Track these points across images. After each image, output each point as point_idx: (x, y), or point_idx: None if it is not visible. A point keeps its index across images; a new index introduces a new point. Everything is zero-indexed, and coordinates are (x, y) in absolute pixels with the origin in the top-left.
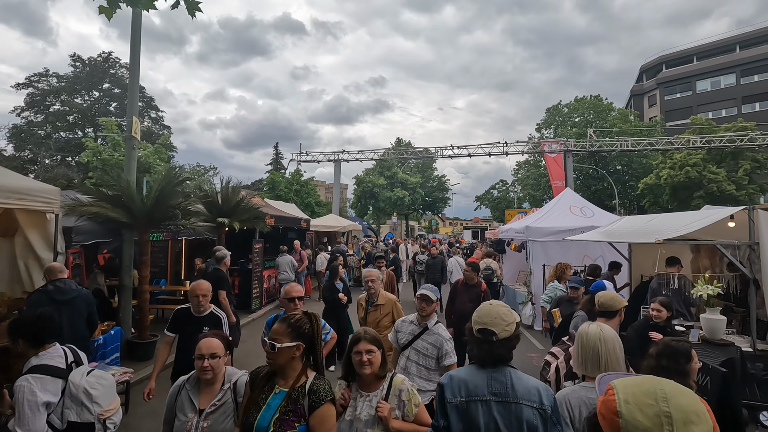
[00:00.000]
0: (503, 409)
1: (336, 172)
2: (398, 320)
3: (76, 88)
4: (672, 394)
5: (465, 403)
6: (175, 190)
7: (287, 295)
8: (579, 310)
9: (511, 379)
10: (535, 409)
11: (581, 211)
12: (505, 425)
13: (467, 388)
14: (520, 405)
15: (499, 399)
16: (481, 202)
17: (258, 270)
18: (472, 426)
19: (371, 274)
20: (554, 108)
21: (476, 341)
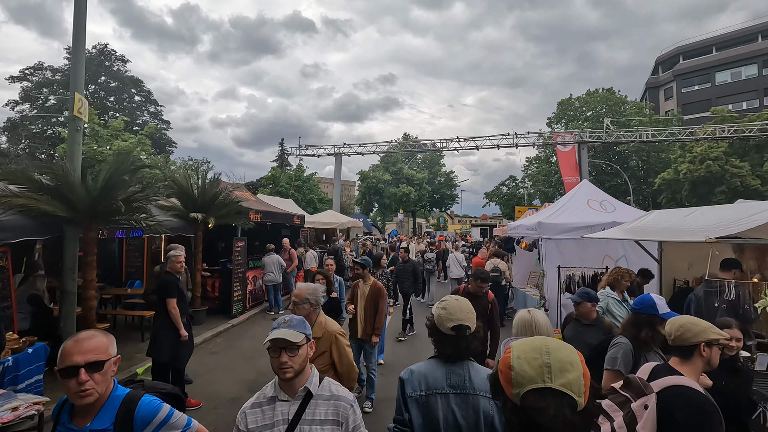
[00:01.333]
0: (461, 401)
1: (336, 166)
2: (246, 404)
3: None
4: (554, 348)
5: (425, 397)
6: (123, 179)
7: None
8: (619, 335)
9: (469, 371)
10: (491, 400)
11: (601, 205)
12: (463, 416)
13: (427, 382)
14: (477, 396)
15: (457, 391)
16: (490, 198)
17: (240, 271)
18: (431, 418)
19: (300, 293)
20: (565, 102)
21: (452, 339)
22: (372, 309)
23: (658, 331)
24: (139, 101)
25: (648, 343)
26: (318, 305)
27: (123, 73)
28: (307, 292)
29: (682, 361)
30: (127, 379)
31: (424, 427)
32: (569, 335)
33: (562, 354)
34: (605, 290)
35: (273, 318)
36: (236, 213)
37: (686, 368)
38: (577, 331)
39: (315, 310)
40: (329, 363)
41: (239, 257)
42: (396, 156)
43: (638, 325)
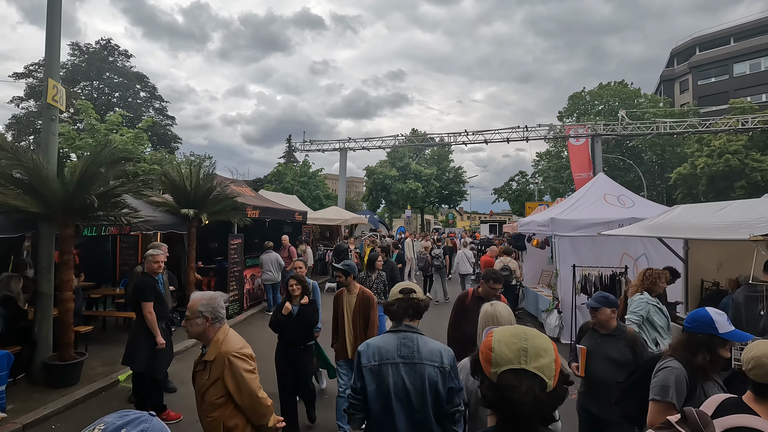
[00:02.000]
0: (410, 369)
1: (342, 161)
2: None
3: (76, 78)
4: (531, 336)
5: (378, 366)
6: (100, 172)
7: None
8: (668, 358)
9: (418, 343)
10: (436, 368)
11: (618, 200)
12: (411, 382)
13: (380, 353)
14: (424, 365)
15: (407, 361)
16: (500, 194)
17: (236, 269)
18: (382, 385)
19: (192, 305)
20: (577, 96)
21: (398, 299)
22: (362, 322)
23: (718, 355)
24: (144, 97)
25: (705, 371)
26: (217, 319)
27: (128, 68)
28: (200, 302)
29: (760, 398)
30: (108, 386)
31: (376, 392)
32: (587, 345)
33: (539, 341)
34: (643, 296)
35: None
36: (232, 209)
37: (764, 408)
38: (594, 342)
39: (213, 325)
40: (224, 394)
41: (235, 255)
42: (403, 151)
43: (693, 347)
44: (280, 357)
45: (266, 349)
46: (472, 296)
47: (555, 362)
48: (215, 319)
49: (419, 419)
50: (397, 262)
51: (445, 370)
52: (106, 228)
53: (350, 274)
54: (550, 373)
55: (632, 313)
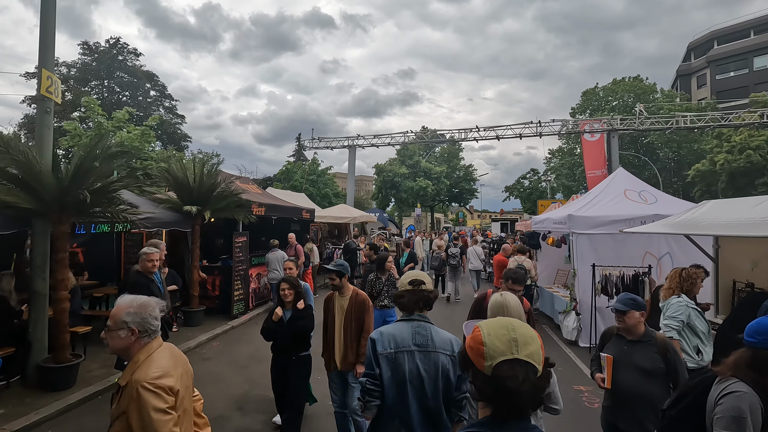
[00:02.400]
0: (424, 357)
1: (350, 159)
2: None
3: (87, 77)
4: (517, 326)
5: (393, 354)
6: (94, 166)
7: None
8: (731, 380)
9: (431, 332)
10: (448, 356)
11: (640, 195)
12: (425, 369)
13: (395, 341)
14: (437, 353)
15: (421, 349)
16: (511, 192)
17: (241, 268)
18: (398, 371)
19: (115, 313)
20: (590, 92)
21: (408, 291)
22: (354, 329)
23: None
24: (154, 96)
25: None
26: (146, 333)
27: (138, 67)
28: (125, 310)
29: None
30: (104, 389)
31: (392, 379)
32: (613, 353)
33: (524, 330)
34: (681, 298)
35: None
36: (237, 206)
37: None
38: (621, 349)
39: (139, 339)
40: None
41: (240, 253)
42: (413, 149)
43: (762, 366)
44: (273, 368)
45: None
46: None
47: (541, 348)
48: (143, 333)
49: (432, 406)
50: (408, 261)
51: (455, 358)
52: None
53: (344, 275)
54: (539, 358)
55: (670, 318)
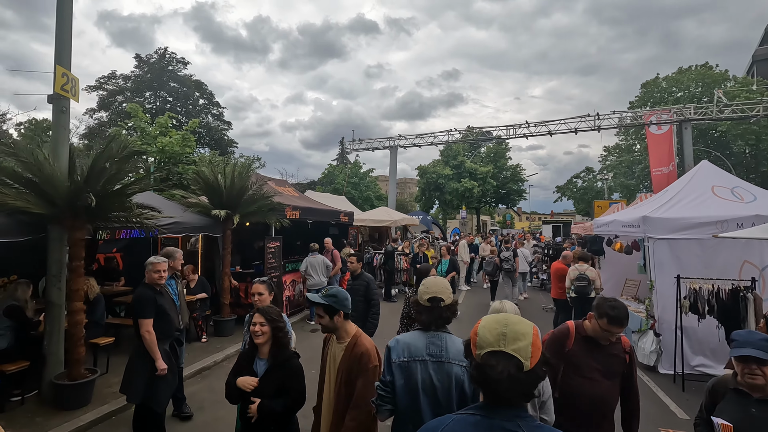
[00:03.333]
0: (437, 367)
1: (392, 160)
2: None
3: (140, 88)
4: (512, 322)
5: (407, 362)
6: (105, 168)
7: None
8: None
9: (446, 342)
10: (463, 367)
11: (733, 193)
12: (438, 379)
13: (409, 350)
14: (451, 364)
15: (435, 359)
16: (563, 193)
17: (274, 275)
18: (411, 380)
19: None
20: (651, 83)
21: (427, 309)
22: (344, 395)
23: None
24: (203, 104)
25: None
26: None
27: (188, 77)
28: None
29: None
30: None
31: (404, 387)
32: (732, 419)
33: (518, 327)
34: None
35: (312, 329)
36: (269, 209)
37: None
38: (746, 414)
39: None
40: None
41: (273, 259)
42: (457, 149)
43: None
44: None
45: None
46: (575, 336)
47: (533, 345)
48: None
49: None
50: (450, 271)
51: None
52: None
53: (336, 311)
54: (527, 354)
55: None
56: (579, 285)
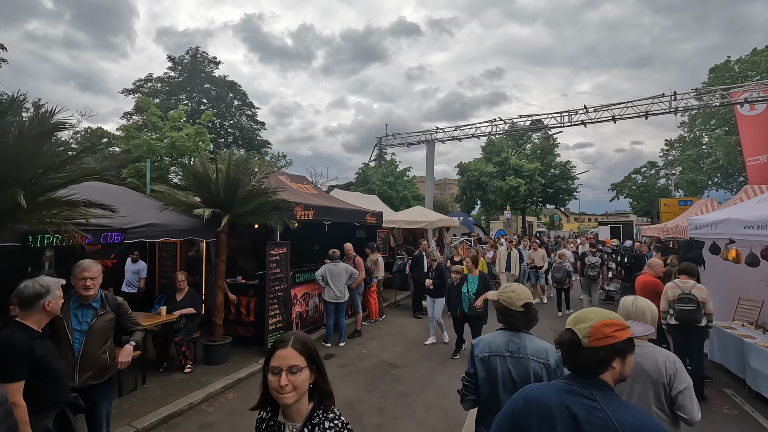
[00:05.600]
0: (515, 362)
1: (429, 154)
2: None
3: (174, 90)
4: (587, 311)
5: (488, 357)
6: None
7: None
8: None
9: (525, 341)
10: (541, 364)
11: None
12: (517, 373)
13: (490, 346)
14: (529, 360)
15: (513, 355)
16: (619, 191)
17: (279, 287)
18: (491, 372)
19: None
20: (721, 67)
21: (522, 314)
22: None
23: None
24: (237, 105)
25: None
26: None
27: (222, 78)
28: None
29: None
30: None
31: (485, 379)
32: None
33: (587, 314)
34: None
35: (328, 354)
36: (272, 208)
37: None
38: None
39: None
40: None
41: (278, 269)
42: (500, 144)
43: None
44: None
45: None
46: None
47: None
48: None
49: None
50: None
51: (549, 367)
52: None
53: None
54: (584, 333)
55: None
56: (683, 309)
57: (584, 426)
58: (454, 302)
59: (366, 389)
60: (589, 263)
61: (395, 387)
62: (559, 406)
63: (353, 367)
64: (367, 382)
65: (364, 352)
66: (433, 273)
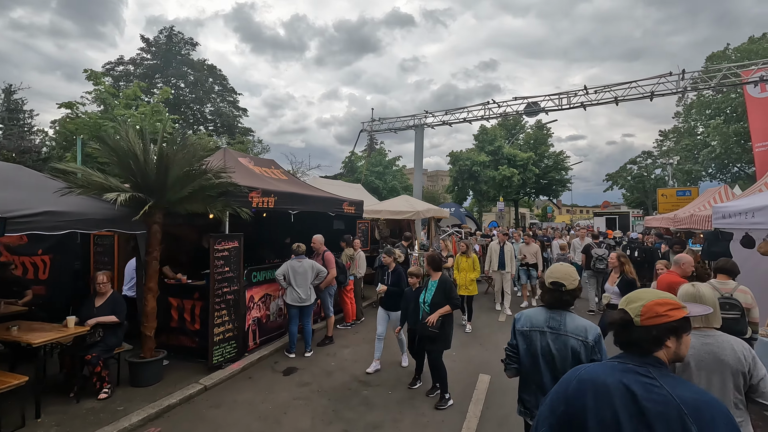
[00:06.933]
0: (555, 338)
1: (417, 140)
2: None
3: (148, 73)
4: (641, 292)
5: (528, 332)
6: None
7: None
8: None
9: (565, 318)
10: (579, 341)
11: None
12: (556, 348)
13: (531, 322)
14: (568, 336)
15: (553, 331)
16: (614, 181)
17: (228, 289)
18: (531, 346)
19: None
20: (719, 55)
21: (549, 291)
22: None
23: None
24: (219, 91)
25: None
26: None
27: (201, 61)
28: None
29: None
30: None
31: (527, 351)
32: None
33: (642, 294)
34: None
35: (288, 367)
36: (219, 194)
37: None
38: None
39: None
40: None
41: (226, 267)
42: (494, 132)
43: None
44: None
45: None
46: None
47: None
48: None
49: None
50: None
51: (588, 344)
52: None
53: None
54: (636, 312)
55: None
56: (724, 317)
57: (645, 403)
58: (411, 315)
59: (327, 419)
60: (597, 255)
61: (364, 415)
62: (616, 384)
63: (317, 385)
64: (331, 407)
65: (333, 364)
66: (389, 278)
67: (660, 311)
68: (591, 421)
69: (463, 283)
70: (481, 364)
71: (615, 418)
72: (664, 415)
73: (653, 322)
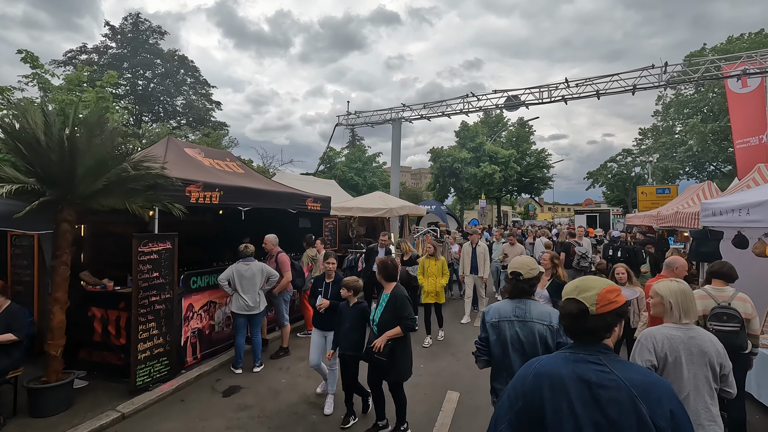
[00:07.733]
0: (522, 326)
1: (395, 134)
2: None
3: (113, 63)
4: (590, 280)
5: (498, 323)
6: None
7: None
8: None
9: (530, 306)
10: (545, 326)
11: None
12: (524, 335)
13: (500, 313)
14: (534, 323)
15: (520, 319)
16: (595, 179)
17: (156, 298)
18: (501, 336)
19: None
20: (696, 55)
21: (509, 280)
22: None
23: None
24: (191, 83)
25: None
26: None
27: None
28: None
29: None
30: None
31: (496, 341)
32: None
33: (591, 283)
34: None
35: (231, 386)
36: (146, 187)
37: None
38: None
39: None
40: None
41: (154, 272)
42: (475, 129)
43: None
44: None
45: None
46: None
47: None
48: None
49: None
50: (388, 318)
51: (553, 328)
52: None
53: None
54: (591, 301)
55: None
56: (721, 329)
57: (597, 390)
58: (344, 338)
59: None
60: (580, 253)
61: None
62: (571, 375)
63: (259, 409)
64: None
65: (284, 381)
66: (330, 290)
67: (611, 298)
68: (549, 413)
69: (432, 290)
70: (451, 377)
71: (570, 407)
72: (616, 400)
73: (607, 309)
